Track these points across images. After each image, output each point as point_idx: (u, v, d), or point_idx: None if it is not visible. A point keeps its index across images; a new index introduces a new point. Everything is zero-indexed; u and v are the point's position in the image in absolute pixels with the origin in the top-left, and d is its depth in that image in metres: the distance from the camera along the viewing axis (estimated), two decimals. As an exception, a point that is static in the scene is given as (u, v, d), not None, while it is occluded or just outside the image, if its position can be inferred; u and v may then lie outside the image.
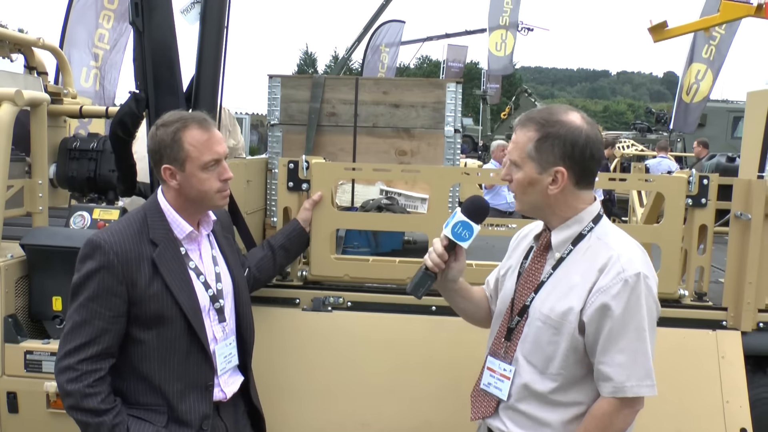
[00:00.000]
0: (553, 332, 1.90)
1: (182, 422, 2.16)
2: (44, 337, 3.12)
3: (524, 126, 1.93)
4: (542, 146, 1.88)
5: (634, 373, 1.83)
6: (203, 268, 2.25)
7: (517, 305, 2.02)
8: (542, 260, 2.01)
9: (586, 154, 1.88)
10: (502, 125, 24.21)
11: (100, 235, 2.10)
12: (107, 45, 8.49)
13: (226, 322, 2.30)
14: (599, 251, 1.89)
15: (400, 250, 3.90)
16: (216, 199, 2.21)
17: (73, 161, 4.26)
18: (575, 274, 1.91)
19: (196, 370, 2.19)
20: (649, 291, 1.85)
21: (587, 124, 1.90)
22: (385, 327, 2.93)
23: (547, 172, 1.89)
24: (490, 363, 2.08)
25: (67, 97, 4.78)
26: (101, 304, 2.06)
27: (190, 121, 2.16)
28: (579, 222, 1.95)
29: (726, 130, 15.59)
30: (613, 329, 1.83)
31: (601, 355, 1.85)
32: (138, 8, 2.84)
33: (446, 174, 3.07)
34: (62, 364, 2.05)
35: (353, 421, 2.89)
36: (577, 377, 1.92)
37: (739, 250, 2.89)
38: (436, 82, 3.78)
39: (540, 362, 1.94)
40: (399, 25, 19.67)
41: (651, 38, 5.42)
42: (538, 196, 1.93)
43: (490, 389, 2.05)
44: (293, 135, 3.71)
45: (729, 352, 2.82)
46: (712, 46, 11.38)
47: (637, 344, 1.83)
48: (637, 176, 2.91)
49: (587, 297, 1.86)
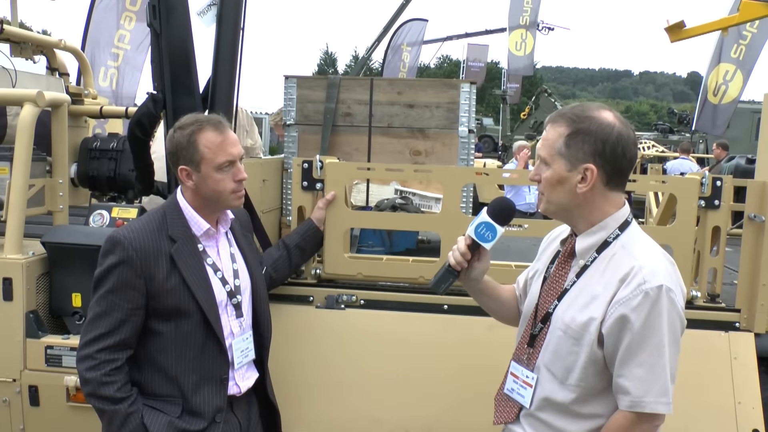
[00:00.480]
0: (573, 343, 1.86)
1: (196, 413, 2.22)
2: (64, 332, 3.19)
3: (555, 122, 1.89)
4: (572, 142, 1.83)
5: (652, 389, 1.78)
6: (221, 265, 2.32)
7: (541, 312, 2.00)
8: (567, 267, 1.98)
9: (618, 152, 1.82)
10: (521, 125, 24.09)
11: (121, 232, 2.19)
12: (128, 45, 8.63)
13: (244, 318, 2.36)
14: (622, 261, 1.83)
15: (414, 250, 3.93)
16: (231, 199, 2.28)
17: (93, 161, 4.35)
18: (598, 284, 1.86)
19: (211, 363, 2.25)
20: (672, 304, 1.78)
21: (620, 122, 1.85)
22: (398, 325, 2.96)
23: (576, 170, 1.83)
24: (514, 368, 2.06)
25: (87, 97, 4.88)
26: (120, 297, 2.14)
27: (206, 124, 2.23)
28: (604, 228, 1.89)
29: (750, 132, 15.37)
30: (632, 343, 1.77)
31: (620, 368, 1.80)
32: (156, 11, 2.91)
33: (458, 174, 3.08)
34: (82, 353, 2.14)
35: (365, 417, 2.92)
36: (596, 389, 1.87)
37: (752, 251, 2.87)
38: (449, 82, 3.80)
39: (560, 372, 1.90)
40: (421, 24, 19.60)
41: (668, 38, 5.39)
42: (567, 195, 1.87)
43: (513, 395, 2.03)
44: (309, 135, 3.75)
45: (742, 353, 2.81)
46: (742, 45, 11.04)
47: (657, 359, 1.77)
48: (650, 178, 2.91)
49: (607, 308, 1.81)
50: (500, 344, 2.75)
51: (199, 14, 3.06)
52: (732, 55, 11.27)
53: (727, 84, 11.17)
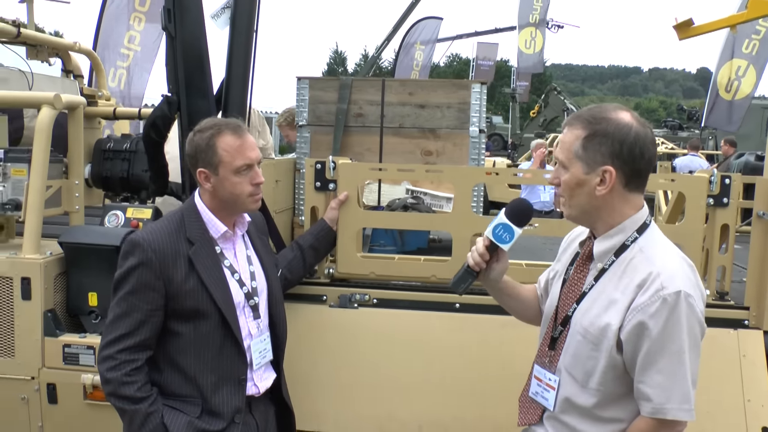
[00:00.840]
0: (592, 347, 1.87)
1: (215, 414, 2.26)
2: (81, 331, 3.24)
3: (571, 125, 1.89)
4: (589, 144, 1.83)
5: (674, 396, 1.77)
6: (238, 267, 2.36)
7: (561, 315, 2.00)
8: (585, 270, 1.98)
9: (636, 153, 1.81)
10: (531, 123, 24.06)
11: (140, 234, 2.23)
12: (138, 46, 8.69)
13: (261, 319, 2.40)
14: (639, 266, 1.83)
15: (426, 249, 3.96)
16: (248, 202, 2.31)
17: (107, 161, 4.40)
18: (615, 289, 1.85)
19: (229, 363, 2.29)
20: (691, 310, 1.76)
21: (637, 122, 1.84)
22: (410, 323, 2.99)
23: (594, 172, 1.83)
24: (537, 372, 2.07)
25: (101, 99, 4.93)
26: (140, 298, 2.18)
27: (224, 128, 2.27)
28: (622, 231, 1.88)
29: (761, 128, 15.30)
30: (651, 349, 1.77)
31: (641, 375, 1.80)
32: (170, 14, 2.95)
33: (469, 174, 3.12)
34: (103, 354, 2.19)
35: (379, 415, 2.96)
36: (617, 394, 1.88)
37: (761, 249, 2.88)
38: (460, 83, 3.83)
39: (580, 376, 1.91)
40: (436, 22, 19.47)
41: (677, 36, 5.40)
42: (586, 198, 1.87)
43: (538, 398, 2.04)
44: (321, 136, 3.79)
45: (750, 351, 2.82)
46: (756, 40, 10.86)
47: (677, 366, 1.76)
48: (659, 176, 2.93)
49: (625, 315, 1.80)
50: (513, 342, 2.80)
51: (212, 17, 3.11)
52: (744, 51, 11.13)
53: (739, 80, 11.02)
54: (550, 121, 22.64)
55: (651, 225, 1.92)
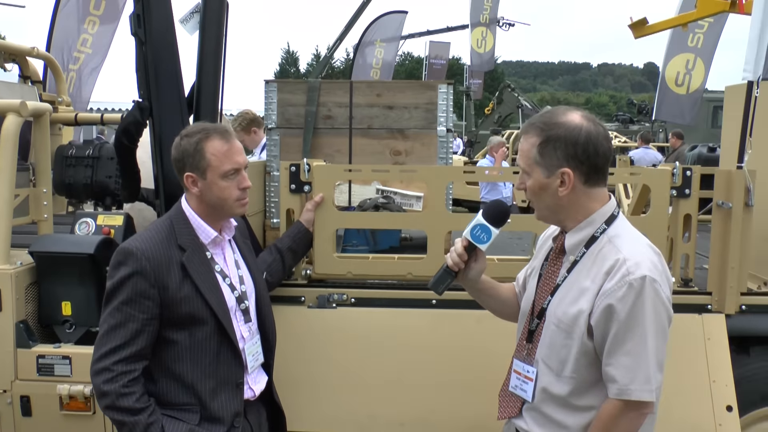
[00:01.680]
0: (565, 335, 1.94)
1: (215, 419, 2.25)
2: (55, 341, 3.20)
3: (527, 133, 1.98)
4: (545, 150, 1.91)
5: (637, 377, 1.84)
6: (228, 272, 2.36)
7: (537, 307, 2.08)
8: (558, 263, 2.06)
9: (590, 151, 1.89)
10: (486, 120, 24.35)
11: (132, 243, 2.20)
12: (89, 49, 8.49)
13: (252, 322, 2.41)
14: (608, 254, 1.91)
15: (398, 247, 4.02)
16: (235, 207, 2.32)
17: (69, 168, 4.33)
18: (586, 278, 1.93)
19: (226, 368, 2.29)
20: (656, 294, 1.85)
21: (588, 121, 1.92)
22: (389, 321, 3.04)
23: (554, 175, 1.92)
24: (516, 366, 2.13)
25: (61, 104, 4.85)
26: (135, 308, 2.15)
27: (212, 132, 2.28)
28: (591, 224, 1.96)
29: (707, 120, 15.80)
30: (619, 332, 1.84)
31: (608, 358, 1.88)
32: (140, 20, 2.93)
33: (442, 173, 3.19)
34: (98, 366, 2.14)
35: (360, 413, 3.00)
36: (590, 381, 1.95)
37: (721, 237, 3.02)
38: (427, 84, 3.89)
39: (555, 365, 1.98)
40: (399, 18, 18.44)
41: (632, 35, 5.58)
42: (551, 199, 1.96)
43: (517, 391, 2.10)
44: (290, 138, 3.81)
45: (714, 334, 2.96)
46: (699, 34, 11.14)
47: (641, 348, 1.84)
48: (624, 170, 3.05)
49: (594, 301, 1.88)
50: (490, 336, 2.87)
51: (181, 22, 3.09)
52: (690, 44, 11.43)
53: (690, 73, 11.31)
54: (505, 118, 22.95)
55: (619, 216, 2.01)
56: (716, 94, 15.11)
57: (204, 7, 3.05)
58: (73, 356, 3.07)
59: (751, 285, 3.19)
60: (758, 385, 3.10)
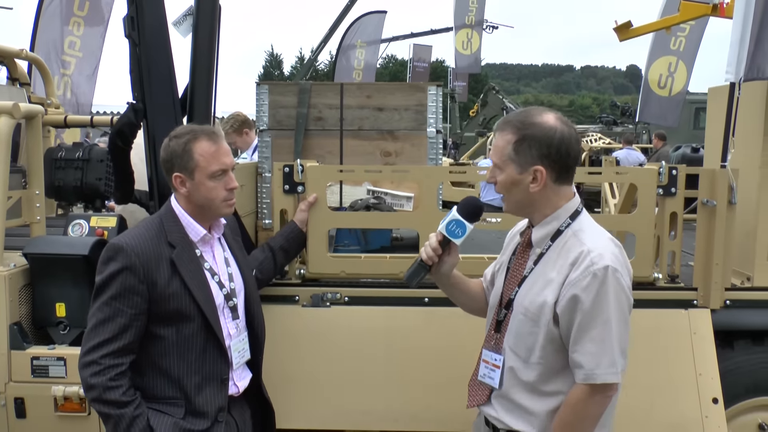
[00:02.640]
0: (532, 324, 2.04)
1: (199, 414, 2.29)
2: (49, 342, 3.21)
3: (502, 130, 2.06)
4: (520, 148, 2.01)
5: (602, 362, 1.94)
6: (217, 269, 2.40)
7: (505, 299, 2.17)
8: (525, 256, 2.16)
9: (562, 152, 2.00)
10: (471, 122, 24.45)
11: (122, 239, 2.24)
12: (79, 52, 8.42)
13: (240, 320, 2.45)
14: (572, 247, 2.01)
15: (389, 247, 4.06)
16: (222, 207, 2.36)
17: (59, 170, 4.33)
18: (552, 269, 2.03)
19: (212, 364, 2.33)
20: (618, 284, 1.95)
21: (562, 123, 2.02)
22: (382, 319, 3.08)
23: (527, 172, 2.01)
24: (485, 355, 2.22)
25: (50, 107, 4.84)
26: (123, 303, 2.19)
27: (200, 133, 2.32)
28: (557, 219, 2.07)
29: (689, 122, 15.98)
30: (584, 320, 1.95)
31: (574, 344, 1.98)
32: (134, 22, 2.96)
33: (434, 173, 3.24)
34: (86, 359, 2.18)
35: (355, 410, 3.04)
36: (556, 368, 2.04)
37: (706, 234, 3.10)
38: (417, 85, 3.95)
39: (523, 352, 2.08)
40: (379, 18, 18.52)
41: (617, 37, 5.66)
42: (522, 194, 2.05)
43: (485, 380, 2.19)
44: (282, 140, 3.85)
45: (700, 328, 3.04)
46: (681, 37, 11.28)
47: (606, 334, 1.94)
48: (611, 169, 3.12)
49: (560, 290, 1.99)
50: (480, 333, 2.91)
51: (175, 25, 3.13)
52: (672, 48, 11.56)
53: (672, 76, 11.43)
54: (490, 120, 23.05)
55: (582, 211, 2.11)
56: (698, 96, 15.29)
57: (197, 9, 3.08)
58: (67, 357, 3.08)
59: (734, 281, 3.27)
60: (742, 377, 3.19)
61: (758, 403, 3.25)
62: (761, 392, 3.23)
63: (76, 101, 8.10)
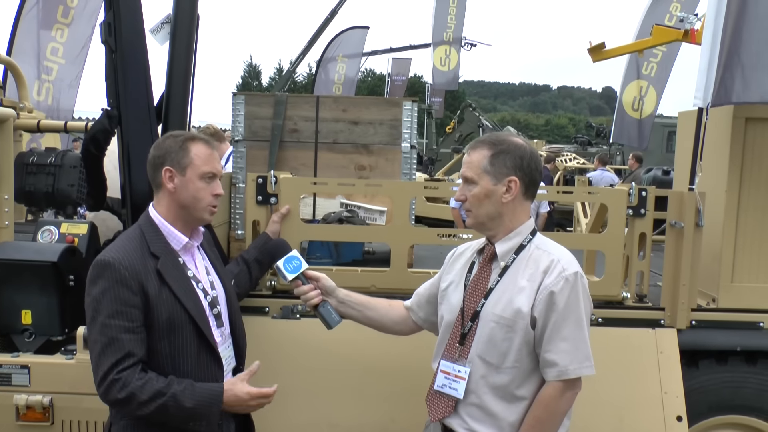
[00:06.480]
0: (507, 330, 2.16)
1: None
2: (13, 350, 3.15)
3: (477, 148, 2.24)
4: (496, 160, 2.19)
5: (576, 358, 2.12)
6: (200, 277, 2.38)
7: (468, 312, 2.26)
8: (488, 270, 2.27)
9: (532, 166, 2.21)
10: (447, 138, 24.61)
11: (107, 254, 2.18)
12: (62, 59, 8.34)
13: (224, 327, 2.43)
14: (541, 258, 2.19)
15: (361, 260, 4.06)
16: (204, 211, 2.34)
17: (30, 176, 4.26)
18: (522, 278, 2.18)
19: (206, 370, 2.30)
20: (584, 288, 2.17)
21: (528, 145, 2.25)
22: (352, 332, 3.07)
23: (501, 183, 2.18)
24: (444, 366, 2.29)
25: (23, 111, 4.78)
26: (123, 319, 2.13)
27: (198, 137, 2.37)
28: (519, 234, 2.24)
29: (662, 145, 16.28)
30: (557, 320, 2.12)
31: (547, 344, 2.13)
32: (111, 28, 2.95)
33: (407, 188, 3.26)
34: (107, 381, 2.10)
35: (323, 422, 3.03)
36: (529, 370, 2.18)
37: (674, 255, 3.16)
38: (392, 100, 3.98)
39: (495, 358, 2.18)
40: (361, 33, 18.73)
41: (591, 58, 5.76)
42: (493, 206, 2.20)
43: (445, 390, 2.25)
44: (256, 151, 3.84)
45: (666, 347, 3.09)
46: (653, 63, 11.66)
47: (577, 332, 2.13)
48: (583, 189, 3.17)
49: (536, 295, 2.14)
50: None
51: (152, 32, 3.11)
52: (644, 72, 11.89)
53: (643, 99, 11.76)
54: (466, 137, 23.23)
55: (537, 230, 2.32)
56: (671, 120, 15.59)
57: (175, 17, 3.07)
58: (32, 365, 3.02)
59: (700, 301, 3.33)
60: (706, 396, 3.24)
61: (720, 421, 3.30)
62: (724, 411, 3.29)
63: (58, 107, 8.00)
